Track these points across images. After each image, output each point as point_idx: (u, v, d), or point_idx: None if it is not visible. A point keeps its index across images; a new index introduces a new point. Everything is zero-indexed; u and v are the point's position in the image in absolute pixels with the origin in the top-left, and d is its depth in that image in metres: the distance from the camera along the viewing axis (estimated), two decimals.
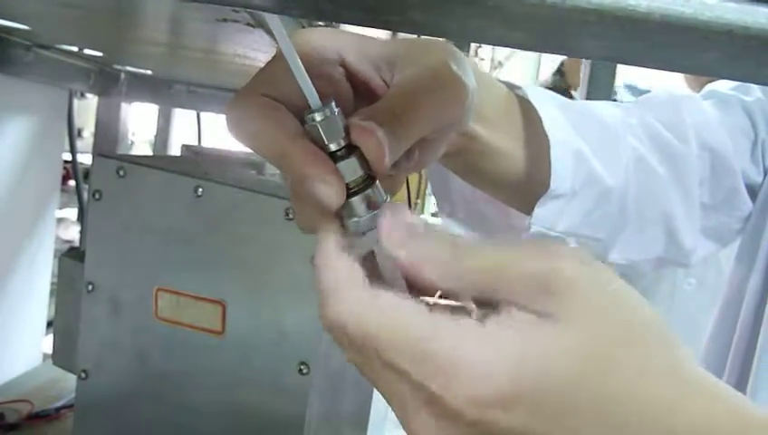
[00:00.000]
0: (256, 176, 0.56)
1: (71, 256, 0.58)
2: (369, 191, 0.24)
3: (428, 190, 2.83)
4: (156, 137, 1.29)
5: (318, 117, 0.23)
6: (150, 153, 1.33)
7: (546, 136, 0.34)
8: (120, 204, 0.51)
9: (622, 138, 0.40)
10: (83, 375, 0.54)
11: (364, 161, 0.24)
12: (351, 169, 0.23)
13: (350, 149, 0.23)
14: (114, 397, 0.53)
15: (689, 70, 0.19)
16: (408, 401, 0.22)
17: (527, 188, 0.35)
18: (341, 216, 0.24)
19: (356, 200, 0.24)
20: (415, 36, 0.28)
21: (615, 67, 0.90)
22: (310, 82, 0.23)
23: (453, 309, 0.22)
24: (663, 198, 0.41)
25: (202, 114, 1.23)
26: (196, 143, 1.35)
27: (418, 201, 2.82)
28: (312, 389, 0.45)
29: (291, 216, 0.44)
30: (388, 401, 0.23)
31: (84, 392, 0.54)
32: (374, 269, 0.23)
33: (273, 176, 0.57)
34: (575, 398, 0.20)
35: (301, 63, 0.23)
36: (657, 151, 0.41)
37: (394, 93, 0.25)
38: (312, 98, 0.23)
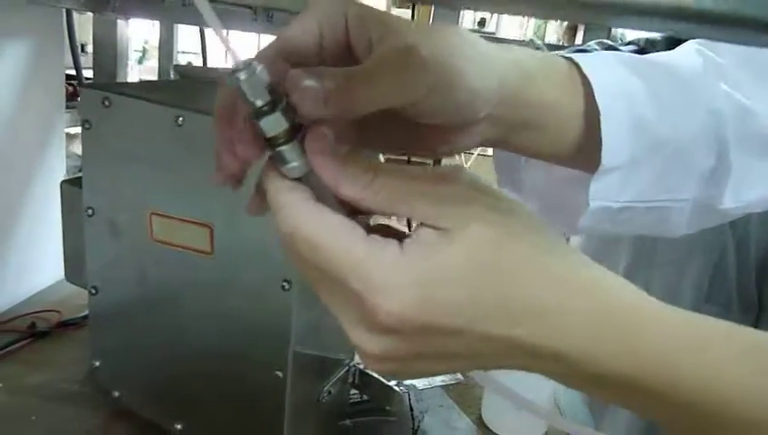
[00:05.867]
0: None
1: (70, 182, 0.61)
2: (297, 139, 0.26)
3: None
4: (159, 50, 1.29)
5: (242, 75, 0.24)
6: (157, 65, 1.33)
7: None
8: (109, 133, 0.54)
9: (705, 88, 0.38)
10: (93, 291, 0.59)
11: (292, 112, 0.25)
12: (278, 122, 0.25)
13: (276, 103, 0.25)
14: (121, 308, 0.59)
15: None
16: (345, 316, 0.26)
17: (594, 158, 0.35)
18: (277, 163, 0.26)
19: (286, 149, 0.26)
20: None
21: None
22: (230, 43, 0.24)
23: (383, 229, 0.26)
24: None
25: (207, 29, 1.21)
26: (200, 57, 1.34)
27: None
28: (294, 302, 0.49)
29: None
30: (335, 315, 0.27)
31: (96, 306, 0.60)
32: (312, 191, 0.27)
33: None
34: (470, 299, 0.24)
35: (222, 27, 0.24)
36: (759, 82, 0.39)
37: (357, 66, 0.27)
38: (235, 58, 0.24)
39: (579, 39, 0.93)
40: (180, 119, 0.50)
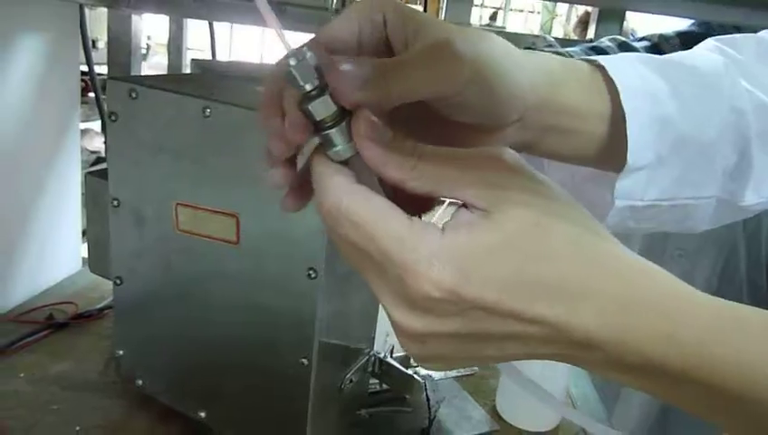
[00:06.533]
0: (262, 92, 0.58)
1: (95, 173, 0.62)
2: (344, 124, 0.27)
3: None
4: (169, 45, 1.30)
5: (292, 61, 0.25)
6: (166, 58, 1.34)
7: None
8: (135, 125, 0.54)
9: (727, 87, 0.39)
10: (118, 281, 0.60)
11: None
12: (326, 106, 0.26)
13: (324, 88, 0.26)
14: (146, 299, 0.59)
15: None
16: (387, 294, 0.26)
17: (618, 157, 0.36)
18: (323, 147, 0.27)
19: (333, 133, 0.27)
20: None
21: (623, 13, 0.88)
22: (281, 30, 0.25)
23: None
24: None
25: (216, 24, 1.21)
26: (209, 50, 1.35)
27: None
28: (320, 291, 0.50)
29: None
30: (377, 296, 0.27)
31: (120, 296, 0.61)
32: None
33: None
34: (510, 276, 0.25)
35: (273, 14, 0.25)
36: None
37: (393, 57, 0.28)
38: (285, 44, 0.25)
39: (591, 33, 0.93)
40: (207, 110, 0.50)
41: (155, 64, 2.58)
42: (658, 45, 0.79)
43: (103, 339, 0.77)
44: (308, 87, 0.26)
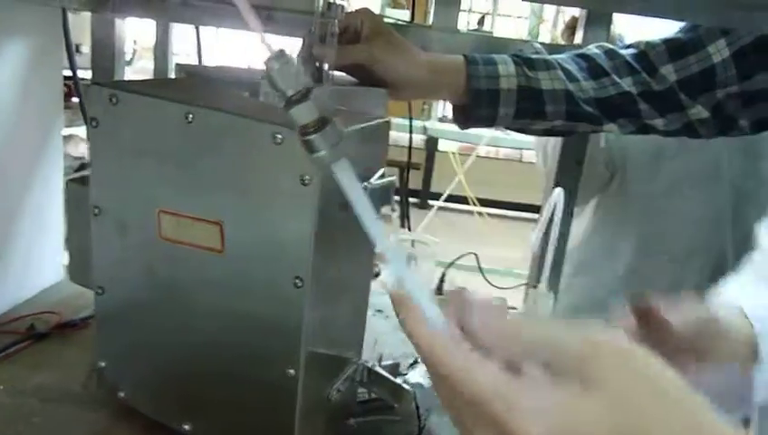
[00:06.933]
0: (248, 98, 0.57)
1: (76, 181, 0.60)
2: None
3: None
4: (155, 49, 1.28)
5: (275, 65, 0.25)
6: (152, 63, 1.32)
7: None
8: (117, 131, 0.53)
9: None
10: (100, 291, 0.58)
11: (319, 104, 0.26)
12: (309, 111, 0.26)
13: (306, 93, 0.26)
14: (128, 308, 0.58)
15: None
16: None
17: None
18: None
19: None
20: None
21: (610, 18, 0.89)
22: (263, 34, 0.25)
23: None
24: None
25: (202, 28, 1.20)
26: (195, 56, 1.33)
27: (426, 106, 2.84)
28: (306, 299, 0.49)
29: (278, 140, 0.46)
30: None
31: (102, 305, 0.59)
32: None
33: (266, 94, 0.58)
34: None
35: (257, 19, 0.25)
36: None
37: None
38: (269, 48, 0.25)
39: (578, 38, 0.93)
40: (190, 115, 0.49)
41: (140, 69, 2.55)
42: (645, 53, 0.79)
43: (86, 349, 0.75)
44: (290, 92, 0.25)
